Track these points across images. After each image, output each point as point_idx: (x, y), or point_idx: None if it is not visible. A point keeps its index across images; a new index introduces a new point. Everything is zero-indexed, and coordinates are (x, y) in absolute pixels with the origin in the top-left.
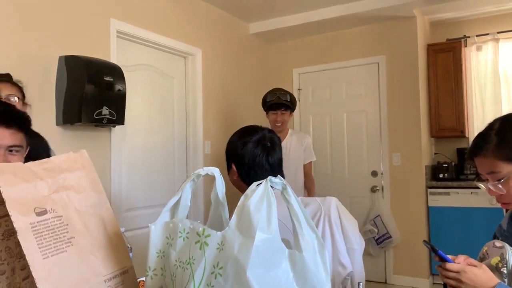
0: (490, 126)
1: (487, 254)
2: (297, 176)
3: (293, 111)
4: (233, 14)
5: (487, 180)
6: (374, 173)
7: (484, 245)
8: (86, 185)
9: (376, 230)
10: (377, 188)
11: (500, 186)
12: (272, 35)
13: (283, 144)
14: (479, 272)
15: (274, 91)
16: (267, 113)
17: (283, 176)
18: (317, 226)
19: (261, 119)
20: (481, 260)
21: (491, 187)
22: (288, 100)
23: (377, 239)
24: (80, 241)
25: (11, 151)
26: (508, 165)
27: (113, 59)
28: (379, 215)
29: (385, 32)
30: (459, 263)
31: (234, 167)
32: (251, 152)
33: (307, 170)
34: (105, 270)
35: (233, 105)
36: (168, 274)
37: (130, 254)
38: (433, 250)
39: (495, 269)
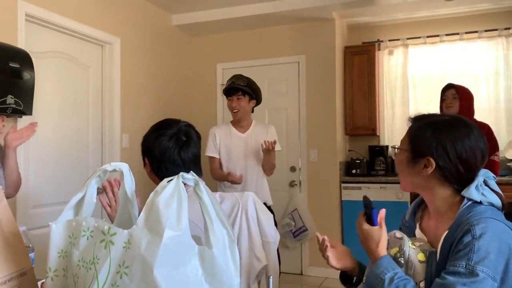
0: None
1: (388, 244)
2: (260, 168)
3: (254, 98)
4: (155, 4)
5: None
6: (293, 169)
7: (387, 235)
8: None
9: (293, 223)
10: (295, 183)
11: None
12: (196, 28)
13: (244, 136)
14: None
15: (232, 78)
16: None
17: (199, 172)
18: (234, 220)
19: (183, 112)
20: None
21: None
22: (245, 84)
23: (294, 232)
24: None
25: None
26: None
27: (21, 44)
28: (296, 209)
29: (306, 33)
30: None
31: (147, 161)
32: (162, 146)
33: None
34: None
35: (154, 97)
36: (70, 275)
37: (32, 254)
38: (368, 207)
39: (394, 259)
